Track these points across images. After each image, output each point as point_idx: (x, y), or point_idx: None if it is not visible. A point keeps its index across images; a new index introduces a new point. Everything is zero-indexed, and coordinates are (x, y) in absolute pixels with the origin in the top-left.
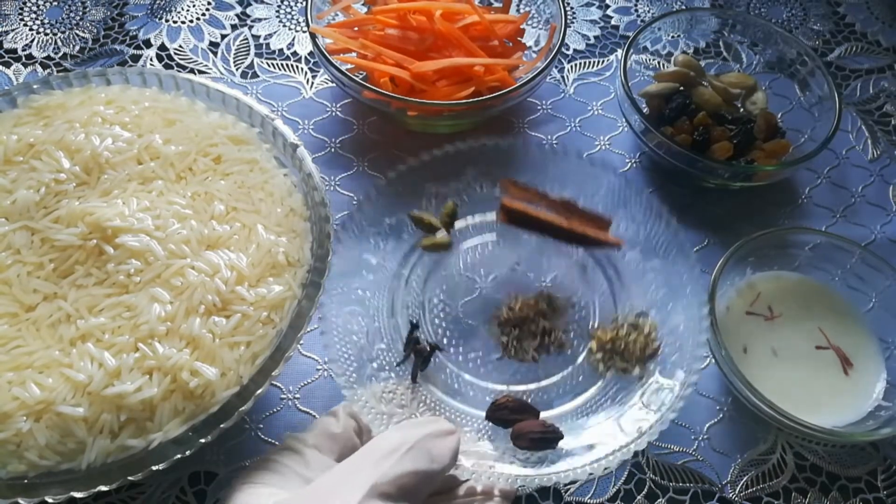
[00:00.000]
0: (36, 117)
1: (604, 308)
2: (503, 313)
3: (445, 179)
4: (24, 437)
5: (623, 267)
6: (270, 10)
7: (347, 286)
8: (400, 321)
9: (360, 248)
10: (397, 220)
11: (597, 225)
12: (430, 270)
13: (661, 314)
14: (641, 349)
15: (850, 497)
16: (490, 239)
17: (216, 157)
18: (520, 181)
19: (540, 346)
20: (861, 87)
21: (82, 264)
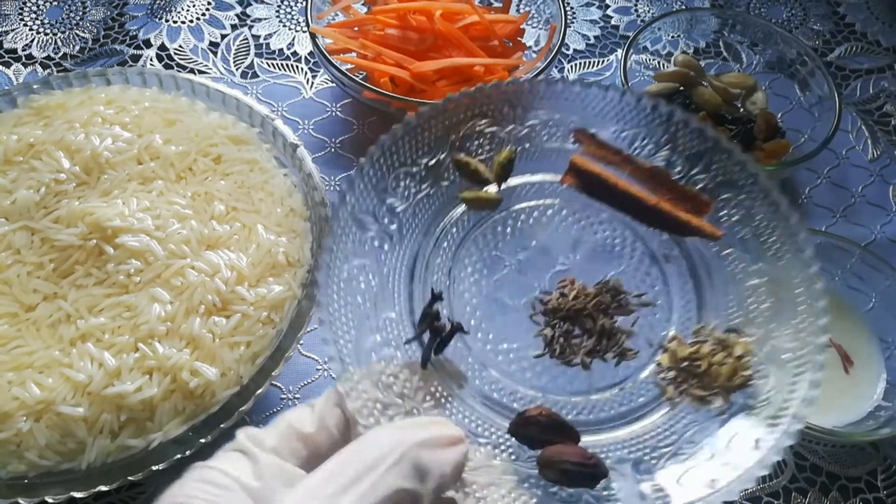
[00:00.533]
0: (36, 117)
1: (685, 315)
2: (553, 300)
3: (504, 120)
4: (25, 437)
5: (717, 265)
6: (270, 10)
7: (362, 232)
8: (420, 289)
9: (384, 186)
10: (437, 161)
11: (692, 206)
12: (468, 231)
13: (761, 334)
14: (728, 375)
15: (850, 497)
16: (551, 205)
17: (216, 157)
18: (600, 136)
19: (594, 350)
20: (861, 87)
21: (82, 264)
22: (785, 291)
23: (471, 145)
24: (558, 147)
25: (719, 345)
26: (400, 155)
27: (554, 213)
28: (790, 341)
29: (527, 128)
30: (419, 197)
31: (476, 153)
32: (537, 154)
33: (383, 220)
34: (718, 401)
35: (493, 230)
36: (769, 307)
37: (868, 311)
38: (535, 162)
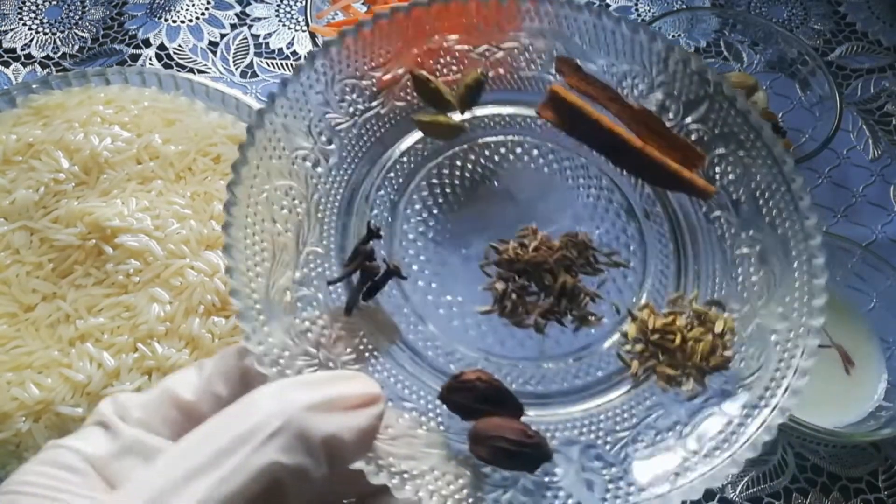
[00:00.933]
0: (35, 117)
1: (660, 281)
2: (509, 249)
3: (478, 38)
4: (24, 437)
5: (704, 228)
6: (270, 10)
7: (291, 148)
8: (356, 224)
9: (325, 98)
10: (393, 77)
11: (683, 158)
12: (420, 163)
13: (747, 310)
14: (704, 354)
15: (851, 497)
16: (520, 143)
17: (215, 156)
18: (586, 68)
19: (551, 311)
20: (862, 87)
21: (81, 264)
22: (779, 264)
23: (435, 63)
24: (536, 76)
25: (697, 318)
26: (349, 63)
27: (523, 153)
28: (780, 321)
29: (502, 50)
30: (367, 116)
31: (440, 73)
32: (511, 82)
33: (319, 137)
34: (690, 382)
35: (450, 164)
36: (759, 280)
37: (869, 312)
38: (508, 91)
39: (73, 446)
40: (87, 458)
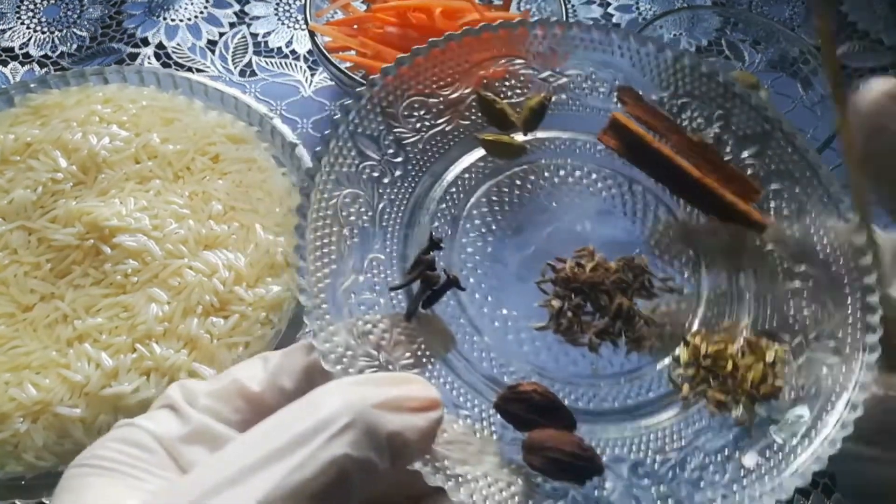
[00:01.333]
0: (33, 116)
1: (714, 309)
2: (566, 269)
3: (542, 65)
4: (22, 437)
5: (758, 259)
6: (269, 8)
7: (361, 158)
8: (418, 234)
9: (394, 112)
10: (460, 96)
11: (739, 190)
12: (482, 180)
13: (797, 343)
14: (755, 382)
15: None
16: (579, 167)
17: (214, 156)
18: (646, 98)
19: (606, 331)
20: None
21: (79, 264)
22: (832, 300)
23: (500, 86)
24: (598, 105)
25: (749, 347)
26: (418, 81)
27: (582, 176)
28: (832, 356)
29: (566, 77)
30: (433, 132)
31: (505, 95)
32: (573, 108)
33: (387, 150)
34: (740, 409)
35: (510, 183)
36: (810, 315)
37: None
38: (569, 117)
39: (144, 426)
40: (158, 439)
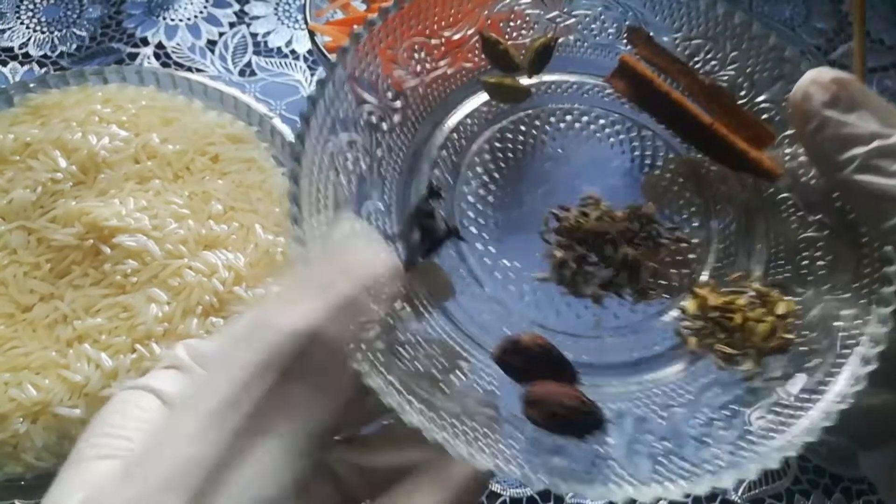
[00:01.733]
0: (32, 116)
1: (723, 259)
2: (570, 217)
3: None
4: (21, 438)
5: (771, 208)
6: (269, 8)
7: (358, 103)
8: (416, 182)
9: (393, 55)
10: (462, 36)
11: (752, 136)
12: (485, 126)
13: (810, 294)
14: (764, 335)
15: (853, 499)
16: (587, 112)
17: (214, 156)
18: (657, 40)
19: (611, 282)
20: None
21: (79, 264)
22: (847, 250)
23: (505, 27)
24: (607, 45)
25: (759, 299)
26: (420, 20)
27: (590, 121)
28: (845, 307)
29: (573, 17)
30: (434, 75)
31: (510, 36)
32: (581, 50)
33: (385, 94)
34: (749, 363)
35: (515, 129)
36: (825, 265)
37: None
38: (577, 59)
39: (152, 387)
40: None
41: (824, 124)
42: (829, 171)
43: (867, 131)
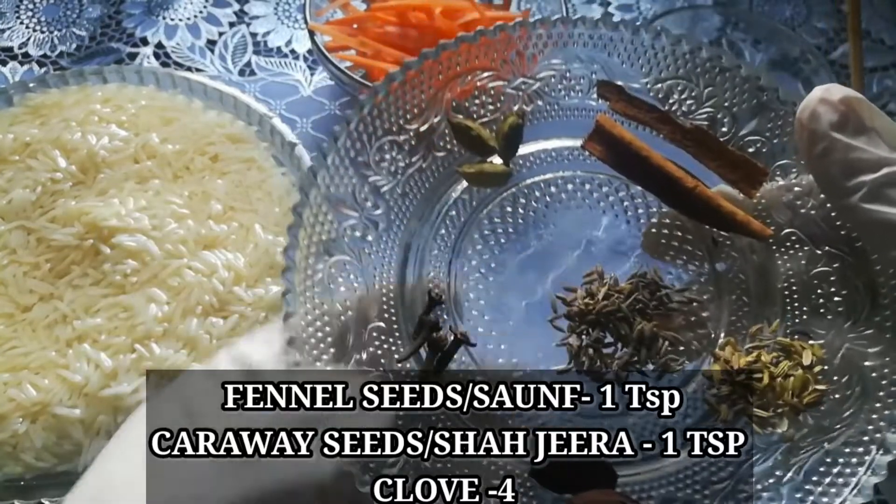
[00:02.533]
0: (32, 116)
1: (738, 313)
2: (578, 300)
3: (512, 72)
4: (21, 438)
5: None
6: (269, 8)
7: (339, 221)
8: (411, 287)
9: (365, 160)
10: (430, 126)
11: (744, 175)
12: (470, 214)
13: (832, 336)
14: (796, 390)
15: None
16: (571, 178)
17: (213, 155)
18: (629, 91)
19: (630, 362)
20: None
21: (78, 264)
22: (863, 280)
23: (471, 105)
24: (578, 104)
25: (783, 351)
26: (384, 120)
27: (575, 189)
28: (872, 345)
29: (539, 81)
30: (409, 172)
31: (479, 114)
32: (553, 114)
33: (365, 204)
34: (785, 423)
35: (501, 212)
36: (843, 300)
37: None
38: (551, 123)
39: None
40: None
41: (832, 148)
42: (836, 197)
43: (875, 157)
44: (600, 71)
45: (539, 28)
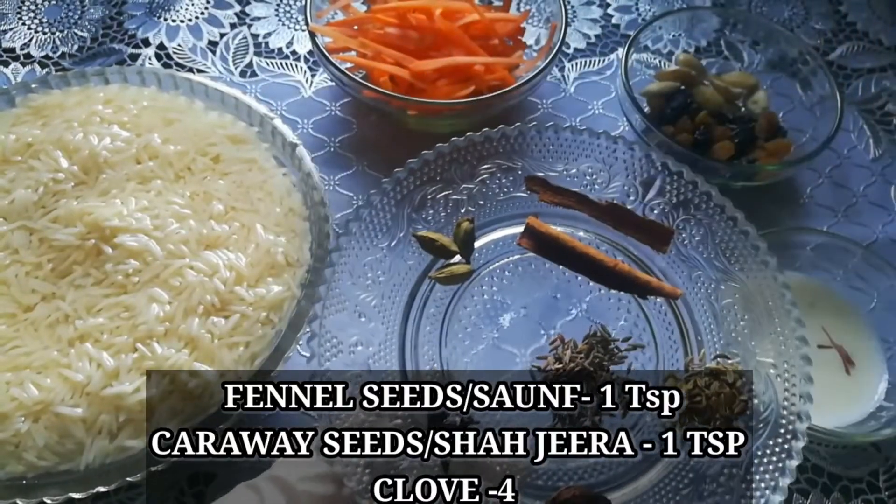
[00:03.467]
0: (34, 117)
1: (671, 349)
2: (549, 366)
3: (454, 181)
4: (23, 437)
5: (691, 290)
6: (269, 9)
7: (342, 342)
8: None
9: (352, 282)
10: (398, 240)
11: (655, 237)
12: (446, 310)
13: (744, 353)
14: (727, 405)
15: (851, 498)
16: (522, 259)
17: (215, 156)
18: (552, 179)
19: (601, 409)
20: (863, 87)
21: (80, 264)
22: (759, 304)
23: (426, 215)
24: (513, 197)
25: (712, 375)
26: (360, 246)
27: (529, 265)
28: (774, 356)
29: (477, 184)
30: (391, 284)
31: (434, 221)
32: (495, 208)
33: (360, 319)
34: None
35: (471, 302)
36: (747, 323)
37: (870, 312)
38: (495, 216)
39: None
40: None
41: None
42: None
43: None
44: (524, 166)
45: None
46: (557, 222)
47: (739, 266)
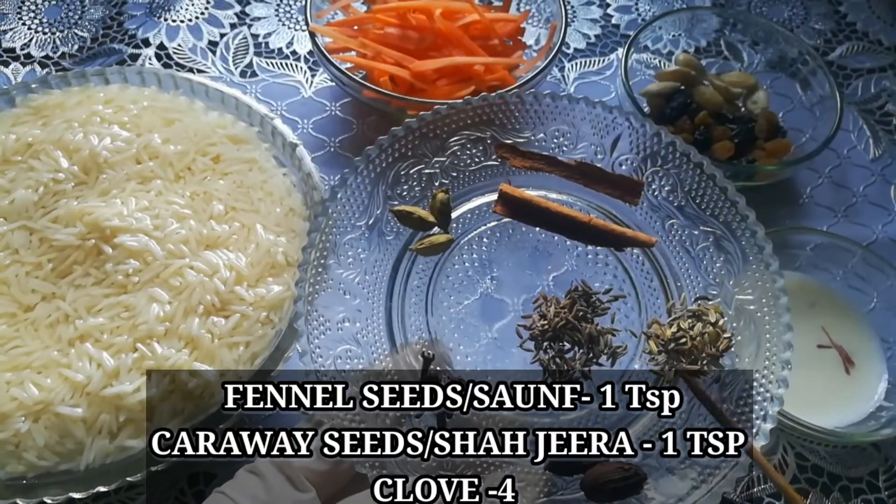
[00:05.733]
0: (34, 117)
1: (652, 296)
2: (535, 324)
3: (425, 155)
4: (23, 437)
5: (666, 239)
6: (270, 9)
7: (329, 320)
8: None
9: (333, 263)
10: (376, 218)
11: (626, 191)
12: (429, 281)
13: (724, 292)
14: (712, 344)
15: (851, 497)
16: (500, 225)
17: (215, 156)
18: (521, 145)
19: (588, 359)
20: (862, 87)
21: (81, 264)
22: (732, 245)
23: (402, 191)
24: (485, 166)
25: (694, 316)
26: (339, 225)
27: (508, 229)
28: (751, 293)
29: (449, 156)
30: (372, 261)
31: (410, 196)
32: (468, 179)
33: (344, 298)
34: (711, 369)
35: (453, 272)
36: (723, 265)
37: (869, 312)
38: (469, 187)
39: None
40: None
41: None
42: None
43: None
44: (493, 134)
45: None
46: (530, 187)
47: (710, 211)
